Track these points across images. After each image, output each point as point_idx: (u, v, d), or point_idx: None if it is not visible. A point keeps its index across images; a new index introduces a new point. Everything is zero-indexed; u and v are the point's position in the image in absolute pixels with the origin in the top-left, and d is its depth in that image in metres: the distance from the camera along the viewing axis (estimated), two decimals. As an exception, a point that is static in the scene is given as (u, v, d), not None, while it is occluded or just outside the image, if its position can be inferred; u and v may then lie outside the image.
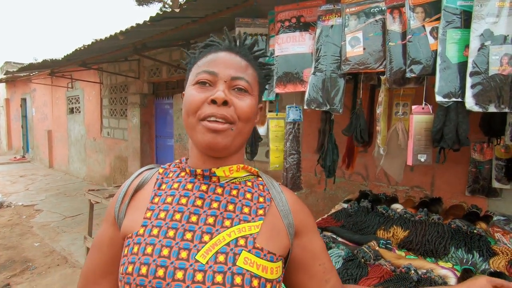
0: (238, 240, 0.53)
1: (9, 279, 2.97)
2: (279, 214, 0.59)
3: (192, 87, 0.57)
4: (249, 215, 0.56)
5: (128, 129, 5.56)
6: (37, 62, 5.20)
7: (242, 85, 0.56)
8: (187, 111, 0.56)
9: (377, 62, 1.43)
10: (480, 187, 2.01)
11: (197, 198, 0.57)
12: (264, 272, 0.51)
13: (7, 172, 8.20)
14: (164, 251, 0.51)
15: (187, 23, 2.78)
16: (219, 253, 0.51)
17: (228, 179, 0.59)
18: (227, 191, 0.58)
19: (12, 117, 11.51)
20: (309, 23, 1.67)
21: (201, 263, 0.50)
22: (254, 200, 0.59)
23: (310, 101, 1.60)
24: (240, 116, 0.55)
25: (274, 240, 0.56)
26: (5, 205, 5.28)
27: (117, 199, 0.62)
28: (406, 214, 1.52)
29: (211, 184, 0.58)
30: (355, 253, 1.25)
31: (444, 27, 1.23)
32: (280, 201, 0.61)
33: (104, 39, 3.22)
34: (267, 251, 0.54)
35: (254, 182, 0.62)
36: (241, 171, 0.61)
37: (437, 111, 1.25)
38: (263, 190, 0.61)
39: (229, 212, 0.56)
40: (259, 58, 0.64)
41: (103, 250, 0.62)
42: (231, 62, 0.57)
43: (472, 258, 1.18)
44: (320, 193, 2.95)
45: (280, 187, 0.63)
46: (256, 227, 0.55)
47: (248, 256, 0.51)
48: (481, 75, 1.16)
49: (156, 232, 0.53)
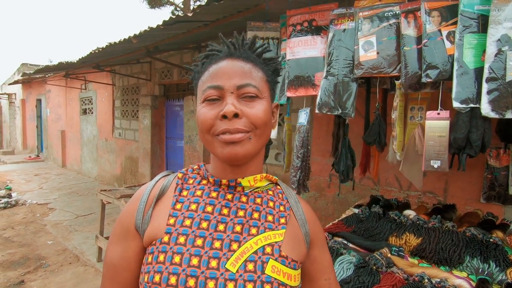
0: (265, 248, 0.54)
1: (23, 276, 3.05)
2: (297, 223, 0.60)
3: (201, 105, 0.56)
4: (273, 223, 0.57)
5: (139, 130, 5.64)
6: (53, 64, 5.35)
7: (250, 92, 0.54)
8: (201, 130, 0.55)
9: (391, 66, 1.42)
10: (496, 194, 1.95)
11: (223, 206, 0.57)
12: (289, 280, 0.53)
13: (22, 170, 8.43)
14: (194, 261, 0.50)
15: (199, 27, 2.82)
16: (248, 262, 0.51)
17: (252, 188, 0.60)
18: (252, 200, 0.59)
19: (27, 117, 11.84)
20: (321, 27, 1.67)
21: (232, 272, 0.50)
22: (276, 208, 0.60)
23: (322, 105, 1.59)
24: (255, 124, 0.54)
25: (295, 248, 0.57)
26: (20, 203, 5.43)
27: (135, 210, 0.58)
28: (419, 221, 1.49)
29: (235, 193, 0.59)
30: (367, 260, 1.23)
31: (461, 31, 1.21)
32: (298, 211, 0.62)
33: (118, 42, 3.29)
34: (291, 259, 0.55)
35: (274, 190, 0.63)
36: (263, 180, 0.61)
37: (460, 117, 1.22)
38: (282, 199, 0.62)
39: (255, 220, 0.57)
40: (263, 54, 0.62)
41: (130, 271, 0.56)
42: (234, 69, 0.55)
43: (488, 268, 1.15)
44: (329, 196, 2.93)
45: (297, 197, 0.65)
46: (280, 235, 0.56)
47: (275, 264, 0.52)
48: (498, 81, 1.14)
49: (183, 241, 0.52)
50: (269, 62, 0.62)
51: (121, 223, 0.59)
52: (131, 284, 0.57)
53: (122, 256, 0.57)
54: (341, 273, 1.18)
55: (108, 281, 0.58)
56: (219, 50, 0.61)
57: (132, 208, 0.59)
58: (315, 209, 2.99)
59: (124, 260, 0.57)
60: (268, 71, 0.61)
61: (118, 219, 0.60)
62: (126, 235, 0.57)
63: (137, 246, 0.57)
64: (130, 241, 0.57)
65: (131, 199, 0.61)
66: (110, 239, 0.60)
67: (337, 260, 1.24)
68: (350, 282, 1.10)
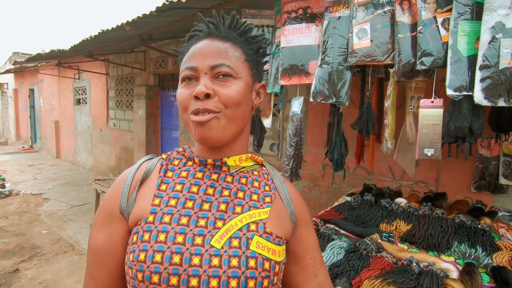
0: (249, 226, 0.55)
1: (18, 265, 3.05)
2: (282, 202, 0.62)
3: (180, 85, 0.58)
4: (258, 202, 0.58)
5: (134, 120, 5.60)
6: (45, 52, 5.24)
7: (223, 71, 0.54)
8: (180, 109, 0.58)
9: (385, 54, 1.41)
10: (486, 183, 1.99)
11: (209, 186, 0.58)
12: (273, 255, 0.54)
13: (15, 161, 8.35)
14: (179, 238, 0.51)
15: (193, 14, 2.77)
16: (233, 238, 0.52)
17: (237, 168, 0.61)
18: (237, 179, 0.60)
19: (20, 107, 11.67)
20: (316, 15, 1.65)
21: (217, 248, 0.51)
22: (261, 188, 0.61)
23: (316, 94, 1.59)
24: (225, 103, 0.54)
25: (280, 226, 0.58)
26: (14, 193, 5.40)
27: (119, 193, 0.57)
28: (409, 208, 1.51)
29: (221, 173, 0.59)
30: (357, 245, 1.25)
31: (455, 18, 1.20)
32: (283, 191, 0.63)
33: (111, 30, 3.22)
34: (276, 235, 0.56)
35: (259, 171, 0.64)
36: (248, 160, 0.62)
37: (463, 105, 1.20)
38: (267, 179, 0.63)
39: (239, 199, 0.58)
40: (246, 33, 0.61)
41: (116, 255, 0.56)
42: (209, 50, 0.55)
43: (475, 253, 1.18)
44: (324, 186, 2.96)
45: (282, 178, 0.65)
46: (265, 213, 0.57)
47: (259, 240, 0.53)
48: (491, 69, 1.14)
49: (168, 220, 0.53)
50: (252, 40, 0.61)
51: (105, 208, 0.58)
52: (117, 267, 0.56)
53: (107, 240, 0.56)
54: (331, 258, 1.20)
55: (94, 267, 0.57)
56: (199, 30, 0.61)
57: (115, 192, 0.58)
58: (309, 198, 3.02)
59: (110, 245, 0.56)
60: (249, 50, 0.60)
61: (101, 205, 0.60)
62: (110, 219, 0.57)
63: (122, 229, 0.56)
64: (115, 225, 0.57)
65: (113, 184, 0.61)
66: (93, 226, 0.59)
67: (328, 245, 1.26)
68: (340, 266, 1.12)
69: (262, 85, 0.63)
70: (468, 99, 1.19)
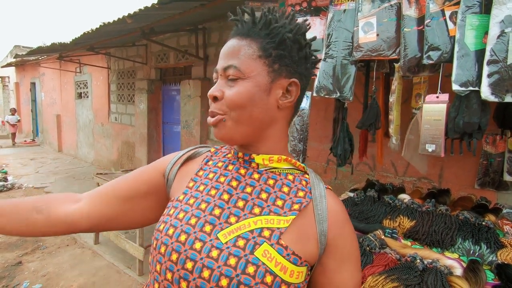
0: (263, 231, 0.50)
1: (21, 257, 3.08)
2: (314, 217, 0.53)
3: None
4: (281, 209, 0.53)
5: (136, 115, 5.58)
6: (46, 45, 5.21)
7: (230, 73, 0.54)
8: None
9: (391, 49, 1.39)
10: (490, 180, 1.97)
11: (234, 179, 0.58)
12: (283, 272, 0.47)
13: (17, 154, 8.39)
14: (192, 220, 0.53)
15: (195, 7, 2.74)
16: (240, 238, 0.50)
17: (267, 167, 0.58)
18: (264, 178, 0.56)
19: (22, 101, 11.67)
20: (321, 8, 1.62)
21: (221, 241, 0.50)
22: (292, 194, 0.55)
23: (320, 88, 1.57)
24: (229, 106, 0.54)
25: (302, 242, 0.51)
26: (16, 187, 5.42)
27: (170, 160, 0.65)
28: (413, 205, 1.50)
29: (249, 168, 0.58)
30: (361, 241, 1.24)
31: (463, 12, 1.18)
32: (320, 205, 0.54)
33: (112, 23, 3.20)
34: (292, 252, 0.49)
35: (297, 176, 0.58)
36: (282, 162, 0.58)
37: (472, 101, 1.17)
38: (305, 186, 0.56)
39: (261, 200, 0.54)
40: (270, 25, 0.54)
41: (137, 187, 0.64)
42: (226, 50, 0.56)
43: (479, 250, 1.17)
44: (326, 182, 2.93)
45: (325, 191, 0.56)
46: (285, 222, 0.51)
47: (268, 250, 0.48)
48: (499, 64, 1.12)
49: (192, 202, 0.56)
50: (275, 31, 0.54)
51: (160, 161, 0.68)
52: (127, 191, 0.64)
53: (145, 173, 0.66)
54: (334, 254, 1.19)
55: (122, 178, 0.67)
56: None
57: (168, 158, 0.67)
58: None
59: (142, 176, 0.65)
60: (268, 44, 0.54)
61: (157, 161, 0.69)
62: (158, 168, 0.66)
63: (157, 180, 0.64)
64: (156, 172, 0.65)
65: (169, 154, 0.69)
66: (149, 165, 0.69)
67: (331, 242, 1.25)
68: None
69: (293, 81, 0.55)
70: (477, 94, 1.17)
